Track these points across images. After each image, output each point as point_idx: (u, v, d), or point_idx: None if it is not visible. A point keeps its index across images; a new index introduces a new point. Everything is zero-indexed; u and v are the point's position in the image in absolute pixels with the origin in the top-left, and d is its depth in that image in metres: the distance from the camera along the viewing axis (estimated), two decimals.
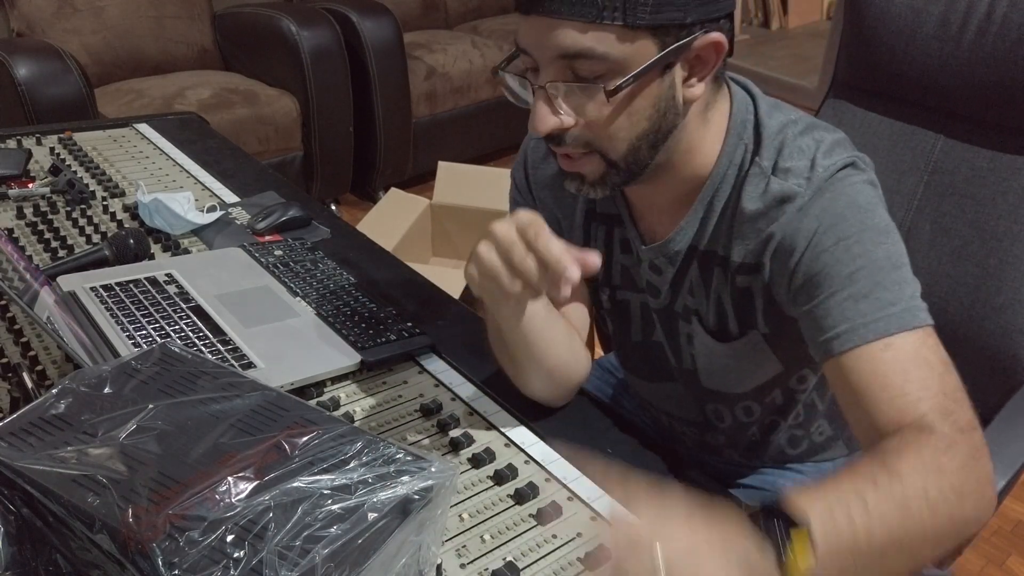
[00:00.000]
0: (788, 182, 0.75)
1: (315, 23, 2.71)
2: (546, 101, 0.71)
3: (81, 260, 1.08)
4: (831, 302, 0.71)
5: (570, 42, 0.68)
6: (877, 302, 0.70)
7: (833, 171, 0.74)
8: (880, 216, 0.74)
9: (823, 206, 0.73)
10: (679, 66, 0.71)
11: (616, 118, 0.72)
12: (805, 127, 0.78)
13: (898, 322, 0.69)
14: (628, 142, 0.73)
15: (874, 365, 0.69)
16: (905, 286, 0.71)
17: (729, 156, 0.79)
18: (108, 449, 0.60)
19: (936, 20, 1.14)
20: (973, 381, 1.18)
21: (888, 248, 0.72)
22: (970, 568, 1.73)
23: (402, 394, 0.91)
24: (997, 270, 1.12)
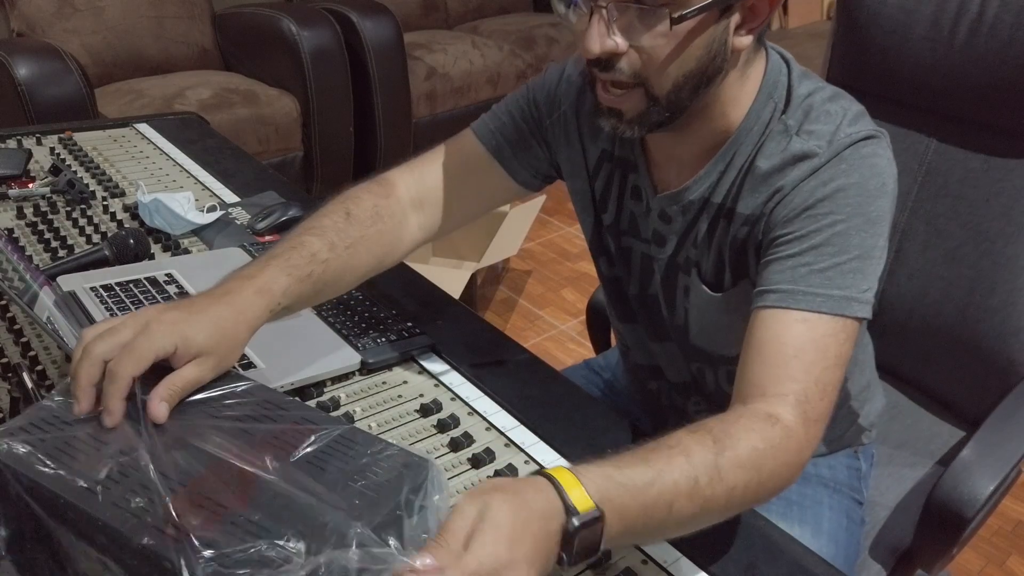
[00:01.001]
0: (810, 143, 0.77)
1: (315, 23, 2.72)
2: (603, 22, 0.71)
3: (81, 260, 1.08)
4: (789, 261, 0.74)
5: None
6: (826, 280, 0.73)
7: (855, 139, 0.76)
8: (878, 206, 0.75)
9: (834, 175, 0.75)
10: (735, 11, 0.72)
11: (670, 50, 0.72)
12: (833, 94, 0.80)
13: (830, 305, 0.72)
14: (675, 79, 0.74)
15: (781, 331, 0.72)
16: (860, 278, 0.74)
17: (758, 113, 0.80)
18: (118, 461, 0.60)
19: (927, 21, 1.14)
20: (967, 383, 1.19)
21: (867, 239, 0.74)
22: (970, 568, 1.73)
23: (402, 394, 0.92)
24: (990, 272, 1.12)
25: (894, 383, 1.28)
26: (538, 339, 2.44)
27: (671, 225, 0.87)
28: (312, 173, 2.86)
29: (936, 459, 1.16)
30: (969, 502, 0.89)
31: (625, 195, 0.91)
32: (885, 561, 1.02)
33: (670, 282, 0.91)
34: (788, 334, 0.72)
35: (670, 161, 0.86)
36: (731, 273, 0.85)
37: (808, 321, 0.72)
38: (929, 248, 1.19)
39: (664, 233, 0.89)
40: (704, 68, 0.74)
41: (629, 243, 0.94)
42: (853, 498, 1.03)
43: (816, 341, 0.72)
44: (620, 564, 0.71)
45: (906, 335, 1.23)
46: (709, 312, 0.89)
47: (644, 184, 0.88)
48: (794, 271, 0.74)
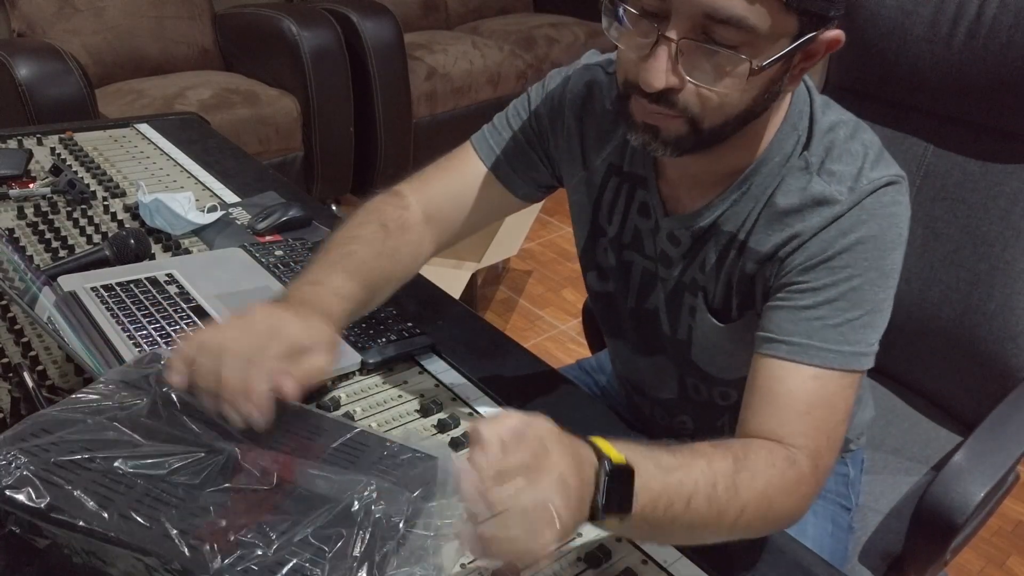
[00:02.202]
0: (831, 187, 0.75)
1: (316, 23, 2.72)
2: (667, 57, 0.67)
3: (82, 260, 1.08)
4: (803, 313, 0.74)
5: (729, 5, 0.64)
6: (839, 335, 0.73)
7: (877, 185, 0.75)
8: (893, 259, 0.76)
9: (854, 225, 0.74)
10: (798, 54, 0.70)
11: (734, 94, 0.69)
12: (853, 129, 0.79)
13: (842, 361, 0.73)
14: (726, 117, 0.72)
15: (795, 386, 0.73)
16: (871, 332, 0.75)
17: (780, 144, 0.78)
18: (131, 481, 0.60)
19: (926, 22, 1.14)
20: (964, 387, 1.19)
21: (879, 293, 0.75)
22: (970, 568, 1.73)
23: (402, 394, 0.92)
24: (988, 275, 1.12)
25: (890, 386, 1.27)
26: (538, 339, 2.44)
27: (679, 248, 0.86)
28: (312, 173, 2.86)
29: (931, 464, 1.16)
30: (959, 508, 0.89)
31: (632, 210, 0.90)
32: (876, 567, 1.01)
33: (676, 301, 0.90)
34: (801, 389, 0.73)
35: (684, 181, 0.84)
36: (737, 304, 0.84)
37: (820, 378, 0.73)
38: (927, 251, 1.19)
39: (671, 255, 0.87)
40: (756, 108, 0.73)
41: (631, 257, 0.92)
42: (840, 504, 1.03)
43: (828, 399, 0.73)
44: (620, 564, 0.71)
45: (903, 338, 1.23)
46: (713, 337, 0.88)
47: (653, 202, 0.87)
48: (809, 324, 0.74)
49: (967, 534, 1.03)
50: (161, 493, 0.59)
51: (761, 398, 0.74)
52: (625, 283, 0.95)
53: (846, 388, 0.74)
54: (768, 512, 0.68)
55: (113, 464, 0.60)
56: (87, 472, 0.60)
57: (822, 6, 0.66)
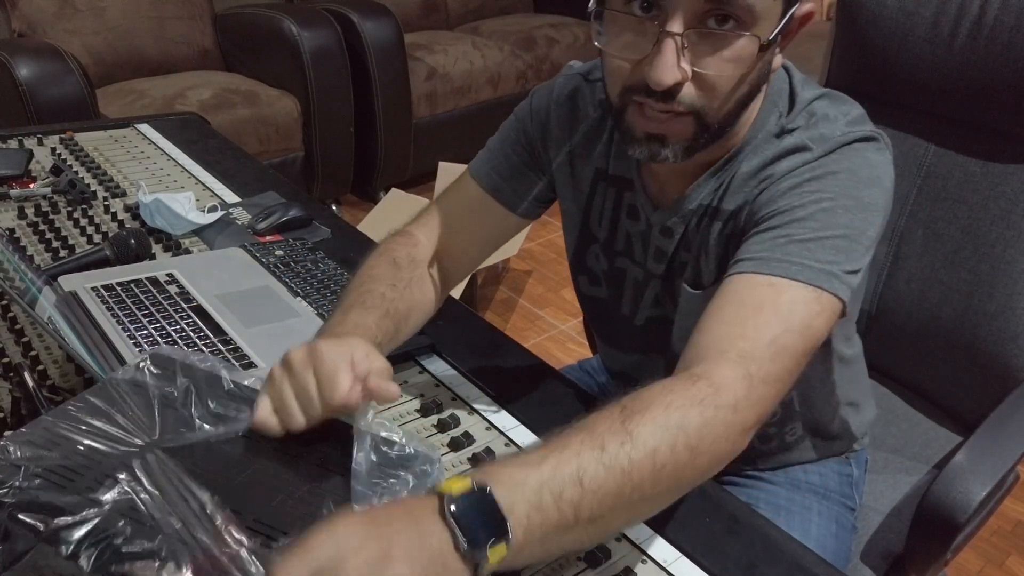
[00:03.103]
0: (802, 138, 0.75)
1: (316, 24, 2.72)
2: (673, 52, 0.66)
3: (82, 260, 1.08)
4: (768, 234, 0.71)
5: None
6: (805, 250, 0.68)
7: (852, 139, 0.74)
8: (870, 194, 0.72)
9: (825, 163, 0.73)
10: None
11: (737, 77, 0.69)
12: (835, 99, 0.79)
13: (806, 274, 0.67)
14: (731, 106, 0.71)
15: (746, 293, 0.67)
16: (844, 257, 0.69)
17: (764, 122, 0.78)
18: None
19: (927, 23, 1.14)
20: (965, 387, 1.19)
21: (855, 221, 0.70)
22: (970, 568, 1.73)
23: (402, 394, 0.92)
24: (989, 276, 1.12)
25: (891, 387, 1.27)
26: (538, 339, 2.44)
27: (671, 238, 0.86)
28: (313, 173, 2.86)
29: (932, 464, 1.16)
30: (961, 507, 0.89)
31: (621, 214, 0.90)
32: (877, 567, 1.01)
33: (665, 296, 0.90)
34: (750, 295, 0.67)
35: (668, 176, 0.84)
36: (716, 269, 0.82)
37: (776, 285, 0.67)
38: (927, 252, 1.19)
39: (665, 248, 0.87)
40: (754, 90, 0.72)
41: (623, 264, 0.92)
42: (844, 504, 1.03)
43: (780, 304, 0.66)
44: (620, 564, 0.71)
45: (903, 339, 1.23)
46: (692, 313, 0.86)
47: (641, 202, 0.87)
48: (773, 242, 0.70)
49: (968, 533, 1.03)
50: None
51: (707, 314, 0.68)
52: (618, 290, 0.95)
53: (809, 302, 0.67)
54: (690, 443, 0.59)
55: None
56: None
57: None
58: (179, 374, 0.69)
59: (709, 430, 0.60)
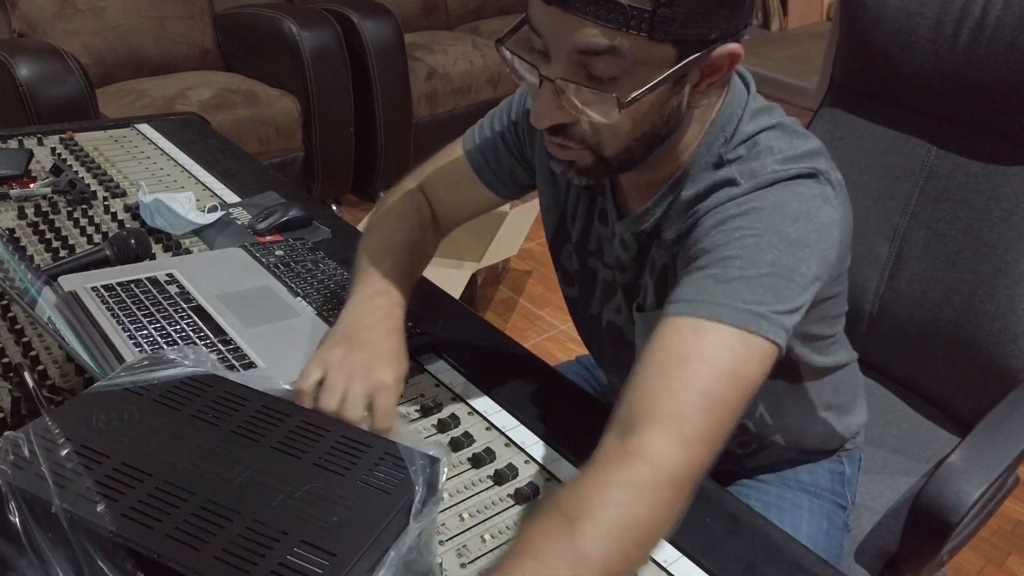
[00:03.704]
0: (733, 173, 0.75)
1: (316, 24, 2.72)
2: (552, 94, 0.69)
3: (82, 260, 1.08)
4: (695, 274, 0.70)
5: (592, 42, 0.65)
6: (730, 290, 0.67)
7: (785, 176, 0.73)
8: (799, 229, 0.70)
9: (751, 199, 0.72)
10: (692, 75, 0.70)
11: (620, 123, 0.70)
12: (786, 131, 0.77)
13: (731, 316, 0.65)
14: (626, 144, 0.73)
15: (671, 339, 0.66)
16: (772, 296, 0.67)
17: (708, 147, 0.78)
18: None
19: (930, 23, 1.14)
20: (965, 388, 1.19)
21: (782, 257, 0.68)
22: (970, 568, 1.73)
23: (403, 394, 0.91)
24: (990, 277, 1.12)
25: (891, 387, 1.27)
26: (538, 339, 2.44)
27: (628, 252, 0.87)
28: (313, 173, 2.86)
29: (930, 464, 1.16)
30: (954, 507, 0.89)
31: (593, 217, 0.91)
32: (871, 566, 1.01)
33: (625, 308, 0.91)
34: (675, 343, 0.66)
35: (630, 188, 0.86)
36: (655, 295, 0.84)
37: (700, 330, 0.65)
38: (929, 253, 1.18)
39: (623, 260, 0.88)
40: (658, 129, 0.73)
41: (594, 265, 0.94)
42: (835, 502, 1.03)
43: (704, 351, 0.64)
44: None
45: (904, 339, 1.23)
46: (641, 336, 0.88)
47: (609, 207, 0.88)
48: (699, 283, 0.69)
49: (965, 535, 1.03)
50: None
51: (638, 365, 0.66)
52: (590, 290, 0.96)
53: (736, 347, 0.64)
54: (637, 539, 0.59)
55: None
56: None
57: (696, 32, 0.65)
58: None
59: (655, 517, 0.60)
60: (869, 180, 1.22)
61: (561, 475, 0.82)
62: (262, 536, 0.56)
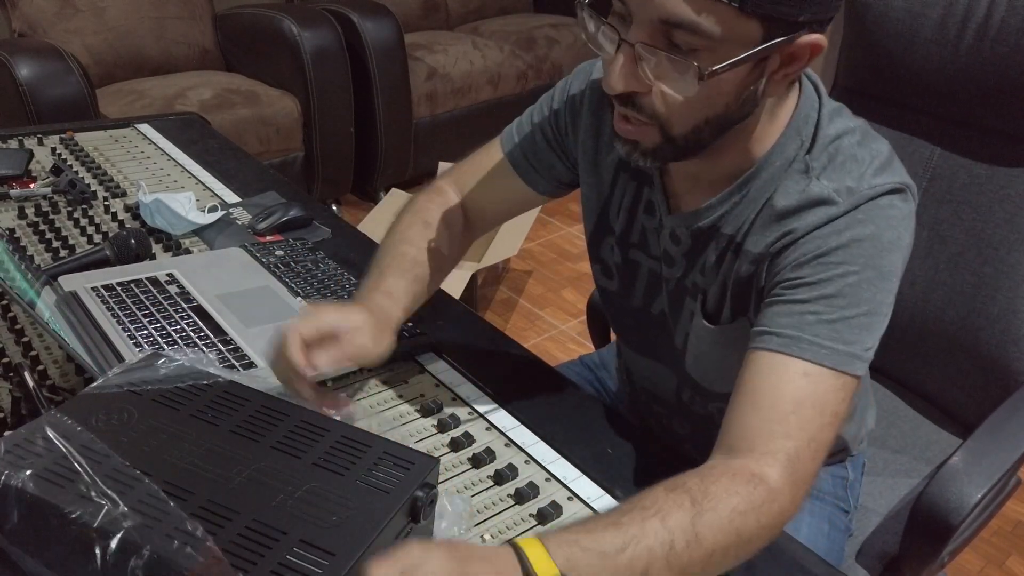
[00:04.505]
0: (830, 190, 0.74)
1: (316, 24, 2.72)
2: (630, 59, 0.67)
3: (82, 260, 1.08)
4: (796, 307, 0.72)
5: (678, 10, 0.63)
6: (834, 332, 0.70)
7: (878, 192, 0.73)
8: (891, 261, 0.73)
9: (850, 224, 0.72)
10: (773, 60, 0.68)
11: (695, 98, 0.68)
12: (862, 137, 0.77)
13: (834, 360, 0.70)
14: (696, 123, 0.71)
15: (783, 381, 0.70)
16: (866, 335, 0.71)
17: (783, 149, 0.77)
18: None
19: (934, 24, 1.14)
20: (967, 389, 1.19)
21: (877, 294, 0.72)
22: (970, 568, 1.73)
23: (403, 394, 0.92)
24: (993, 279, 1.12)
25: (893, 388, 1.27)
26: (538, 339, 2.44)
27: (679, 246, 0.85)
28: (313, 173, 2.86)
29: (932, 466, 1.15)
30: (955, 509, 0.89)
31: (639, 208, 0.89)
32: (872, 568, 1.01)
33: (677, 304, 0.89)
34: (788, 386, 0.70)
35: (687, 181, 0.84)
36: (731, 308, 0.83)
37: (810, 375, 0.70)
38: (932, 254, 1.18)
39: (673, 254, 0.87)
40: (731, 113, 0.71)
41: (637, 257, 0.92)
42: (837, 506, 1.02)
43: (816, 397, 0.70)
44: None
45: (907, 340, 1.22)
46: (705, 343, 0.87)
47: (658, 200, 0.86)
48: (802, 317, 0.71)
49: (965, 537, 1.03)
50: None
51: (745, 395, 0.71)
52: (631, 283, 0.94)
53: (837, 391, 0.70)
54: (740, 545, 0.65)
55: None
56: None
57: (787, 11, 0.64)
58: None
59: (759, 534, 0.66)
60: None
61: (561, 475, 0.82)
62: (261, 536, 0.56)
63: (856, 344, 0.71)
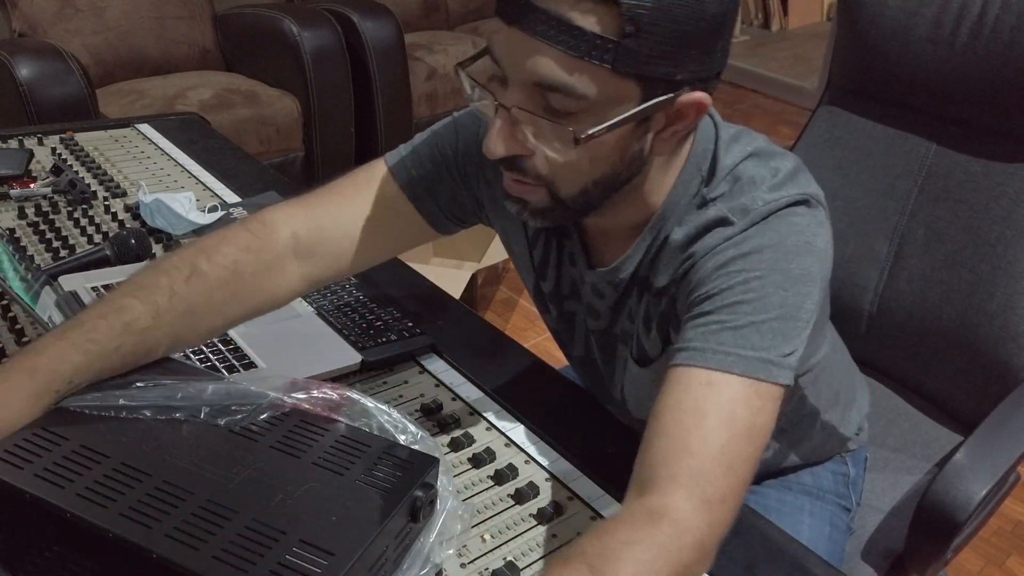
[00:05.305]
0: (725, 211, 0.72)
1: (316, 24, 2.72)
2: (508, 123, 0.65)
3: (83, 260, 1.08)
4: (701, 320, 0.68)
5: (550, 73, 0.61)
6: (740, 338, 0.66)
7: (777, 207, 0.70)
8: (801, 264, 0.69)
9: (749, 236, 0.70)
10: (656, 119, 0.66)
11: (577, 160, 0.66)
12: (762, 156, 0.75)
13: (742, 366, 0.65)
14: (582, 185, 0.69)
15: (685, 394, 0.65)
16: (781, 340, 0.66)
17: (685, 187, 0.75)
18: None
19: (929, 23, 1.14)
20: (966, 386, 1.19)
21: (788, 297, 0.67)
22: (970, 568, 1.73)
23: (403, 394, 0.92)
24: (990, 276, 1.12)
25: (892, 386, 1.27)
26: (539, 339, 2.44)
27: (604, 300, 0.84)
28: (313, 173, 2.86)
29: (933, 463, 1.16)
30: (961, 506, 0.89)
31: (563, 262, 0.87)
32: (878, 565, 1.01)
33: (610, 354, 0.88)
34: (689, 398, 0.64)
35: (599, 235, 0.82)
36: (660, 344, 0.81)
37: (714, 384, 0.64)
38: (928, 252, 1.19)
39: (598, 308, 0.85)
40: (618, 173, 0.69)
41: (572, 307, 0.90)
42: (839, 504, 1.02)
43: (720, 407, 0.64)
44: None
45: (904, 338, 1.23)
46: (641, 387, 0.85)
47: (577, 252, 0.84)
48: (706, 328, 0.67)
49: (968, 533, 1.03)
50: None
51: (652, 420, 0.65)
52: (571, 332, 0.93)
53: (750, 399, 0.64)
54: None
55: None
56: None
57: (663, 71, 0.62)
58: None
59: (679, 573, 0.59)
60: (868, 179, 1.22)
61: (561, 475, 0.82)
62: (261, 536, 0.56)
63: (769, 349, 0.66)
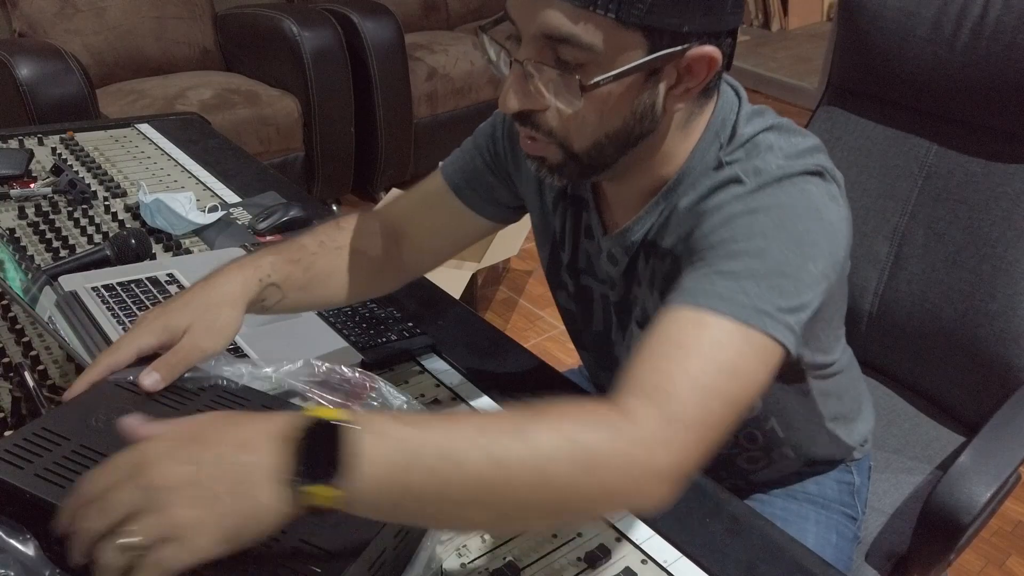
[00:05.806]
0: (736, 170, 0.71)
1: (316, 24, 2.72)
2: (521, 78, 0.68)
3: (83, 260, 1.08)
4: (701, 268, 0.67)
5: (557, 24, 0.63)
6: (736, 287, 0.63)
7: (791, 172, 0.70)
8: (809, 230, 0.67)
9: (757, 198, 0.69)
10: (667, 73, 0.67)
11: (587, 112, 0.68)
12: (784, 131, 0.75)
13: (735, 311, 0.62)
14: (594, 139, 0.70)
15: (672, 327, 0.62)
16: (778, 295, 0.64)
17: (702, 155, 0.75)
18: None
19: (929, 23, 1.14)
20: (967, 387, 1.19)
21: (791, 257, 0.65)
22: (970, 568, 1.73)
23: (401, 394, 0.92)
24: (991, 276, 1.12)
25: (892, 387, 1.27)
26: (539, 339, 2.44)
27: (617, 267, 0.84)
28: (313, 173, 2.86)
29: (935, 464, 1.16)
30: (966, 508, 0.89)
31: (580, 234, 0.88)
32: (881, 567, 1.01)
33: (623, 325, 0.88)
34: (675, 332, 0.62)
35: (617, 201, 0.83)
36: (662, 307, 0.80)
37: (702, 322, 0.62)
38: (929, 252, 1.18)
39: (613, 276, 0.86)
40: (630, 128, 0.70)
41: (588, 282, 0.91)
42: (844, 513, 1.01)
43: (704, 342, 0.61)
44: (620, 564, 0.71)
45: (905, 339, 1.22)
46: None
47: (595, 223, 0.85)
48: (702, 276, 0.66)
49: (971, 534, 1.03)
50: None
51: (635, 351, 0.62)
52: (588, 308, 0.93)
53: (739, 344, 0.61)
54: (588, 464, 0.54)
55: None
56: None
57: (670, 22, 0.63)
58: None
59: (608, 454, 0.55)
60: (868, 179, 1.22)
61: None
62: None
63: (764, 301, 0.63)
